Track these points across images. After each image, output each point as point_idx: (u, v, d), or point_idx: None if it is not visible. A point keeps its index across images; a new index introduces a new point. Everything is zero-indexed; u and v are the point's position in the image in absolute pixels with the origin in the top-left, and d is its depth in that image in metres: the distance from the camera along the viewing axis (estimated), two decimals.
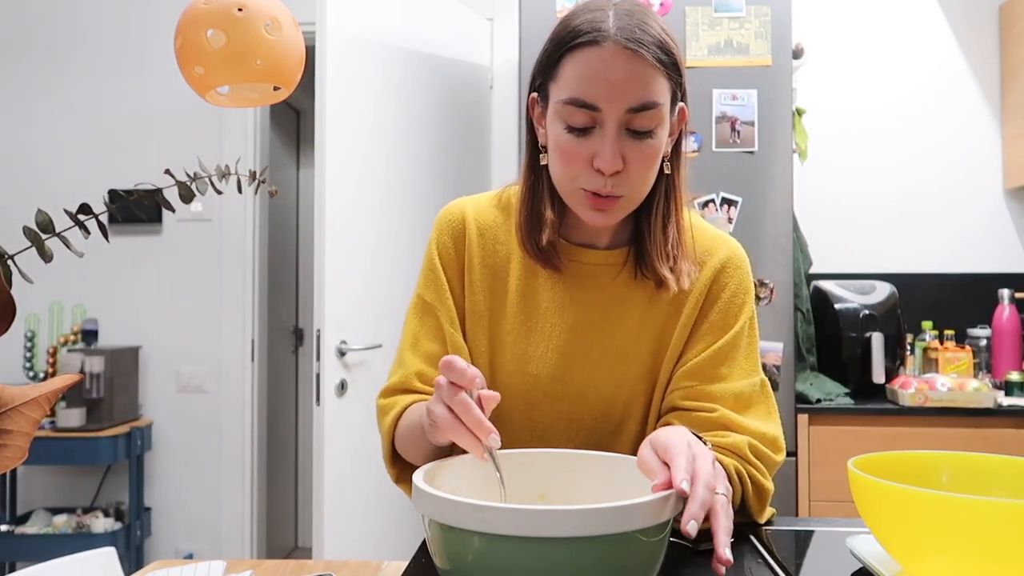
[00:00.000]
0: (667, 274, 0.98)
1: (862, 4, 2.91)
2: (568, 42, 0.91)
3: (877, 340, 2.38)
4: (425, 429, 0.83)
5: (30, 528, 2.75)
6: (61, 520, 2.78)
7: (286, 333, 4.01)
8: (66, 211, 0.59)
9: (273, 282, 3.47)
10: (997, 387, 2.43)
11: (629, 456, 0.81)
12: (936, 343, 2.54)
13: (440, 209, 1.09)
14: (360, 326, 2.28)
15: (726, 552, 0.67)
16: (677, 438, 0.74)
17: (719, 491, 0.71)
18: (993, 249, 2.84)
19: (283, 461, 3.88)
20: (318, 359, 2.16)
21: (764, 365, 1.44)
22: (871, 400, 2.33)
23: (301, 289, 4.14)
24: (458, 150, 2.74)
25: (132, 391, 2.92)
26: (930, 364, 2.51)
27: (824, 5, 2.90)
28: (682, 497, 0.67)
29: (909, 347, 2.57)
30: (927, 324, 2.62)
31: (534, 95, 0.99)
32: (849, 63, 2.90)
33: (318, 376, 2.16)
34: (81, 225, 0.59)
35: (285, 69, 0.69)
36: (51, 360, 2.90)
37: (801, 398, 2.26)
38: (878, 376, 2.38)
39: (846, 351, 2.41)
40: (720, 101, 2.19)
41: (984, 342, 2.60)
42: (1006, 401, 2.28)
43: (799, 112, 2.50)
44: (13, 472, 2.92)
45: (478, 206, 1.07)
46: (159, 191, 0.63)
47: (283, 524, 3.88)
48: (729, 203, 2.19)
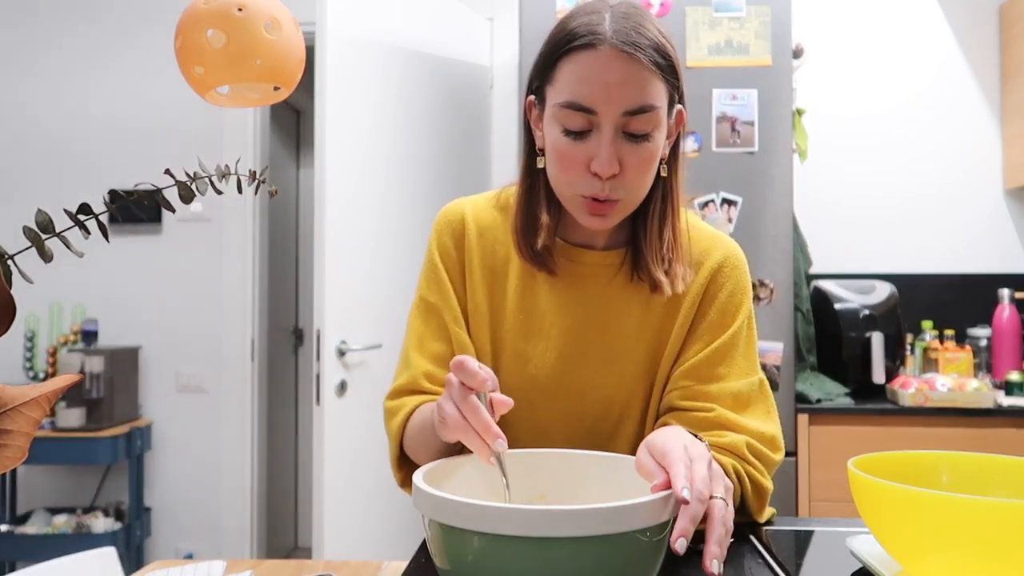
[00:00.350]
0: (662, 277, 0.98)
1: (862, 4, 2.91)
2: (564, 45, 0.91)
3: (877, 340, 2.38)
4: (435, 425, 0.83)
5: (30, 528, 2.75)
6: (61, 520, 2.78)
7: (286, 333, 4.01)
8: (66, 211, 0.59)
9: (273, 282, 3.47)
10: (997, 387, 2.43)
11: (629, 456, 0.81)
12: (936, 343, 2.54)
13: (439, 209, 1.09)
14: (360, 326, 2.28)
15: (711, 565, 0.66)
16: (674, 442, 0.73)
17: (717, 495, 0.71)
18: (993, 249, 2.84)
19: (283, 461, 3.88)
20: (318, 359, 2.16)
21: (764, 365, 1.44)
22: (871, 400, 2.33)
23: (301, 289, 4.14)
24: (458, 150, 2.74)
25: (132, 391, 2.92)
26: (930, 364, 2.51)
27: (824, 5, 2.90)
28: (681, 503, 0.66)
29: (909, 347, 2.57)
30: (927, 324, 2.62)
31: (531, 98, 0.99)
32: (849, 63, 2.90)
33: (318, 376, 2.16)
34: (81, 225, 0.59)
35: (285, 69, 0.69)
36: (51, 360, 2.90)
37: (801, 398, 2.26)
38: (878, 376, 2.38)
39: (846, 351, 2.41)
40: (720, 101, 2.19)
41: (984, 342, 2.60)
42: (1006, 401, 2.28)
43: (799, 112, 2.50)
44: (13, 472, 2.92)
45: (477, 206, 1.07)
46: (159, 191, 0.63)
47: (283, 524, 3.88)
48: (729, 203, 2.19)
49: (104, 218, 0.61)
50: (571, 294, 1.02)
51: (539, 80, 0.96)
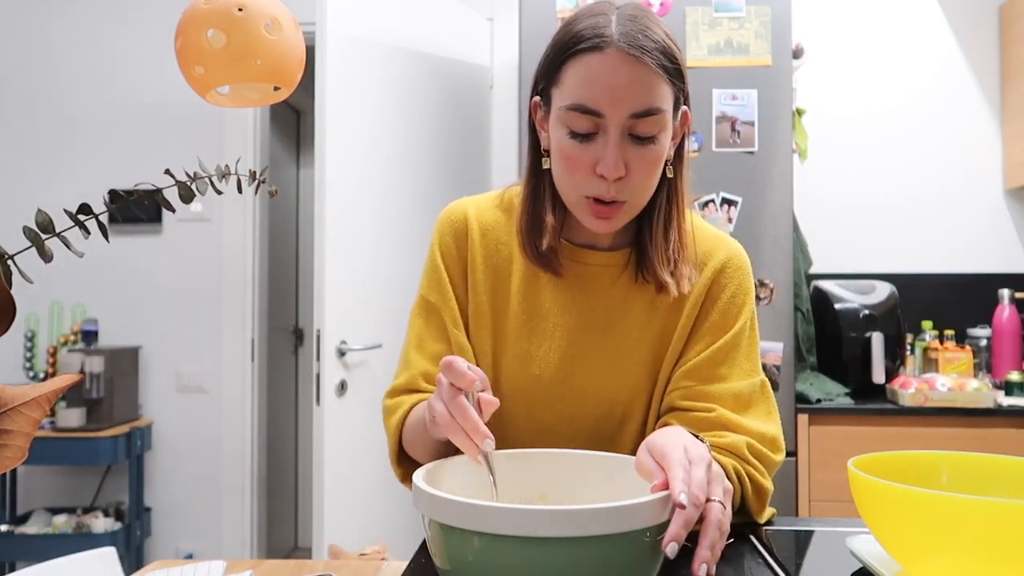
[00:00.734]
0: (667, 278, 0.98)
1: (862, 4, 2.90)
2: (571, 47, 0.91)
3: (877, 340, 2.38)
4: (427, 424, 0.84)
5: (30, 528, 2.75)
6: (61, 520, 2.78)
7: (286, 333, 4.01)
8: (66, 211, 0.59)
9: (273, 282, 3.47)
10: (997, 387, 2.43)
11: (629, 456, 0.81)
12: (936, 343, 2.54)
13: (440, 209, 1.09)
14: (360, 326, 2.28)
15: (700, 570, 0.66)
16: (674, 443, 0.73)
17: (715, 498, 0.71)
18: (993, 249, 2.84)
19: (283, 461, 3.88)
20: (318, 359, 2.16)
21: (764, 365, 1.44)
22: (871, 400, 2.33)
23: (301, 289, 4.14)
24: (458, 150, 2.74)
25: (132, 391, 2.92)
26: (930, 364, 2.51)
27: (824, 5, 2.90)
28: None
29: (909, 347, 2.57)
30: (927, 324, 2.62)
31: (536, 99, 0.99)
32: (849, 63, 2.90)
33: (318, 376, 2.16)
34: (81, 225, 0.59)
35: (285, 69, 0.69)
36: (51, 360, 2.90)
37: (801, 398, 2.26)
38: (878, 376, 2.38)
39: (846, 351, 2.41)
40: (720, 101, 2.19)
41: (984, 342, 2.60)
42: (1006, 401, 2.28)
43: (799, 112, 2.50)
44: (13, 472, 2.92)
45: (480, 206, 1.07)
46: (159, 191, 0.63)
47: (283, 524, 3.88)
48: (729, 203, 2.19)
49: (104, 218, 0.61)
50: (574, 294, 1.02)
51: (544, 81, 0.96)
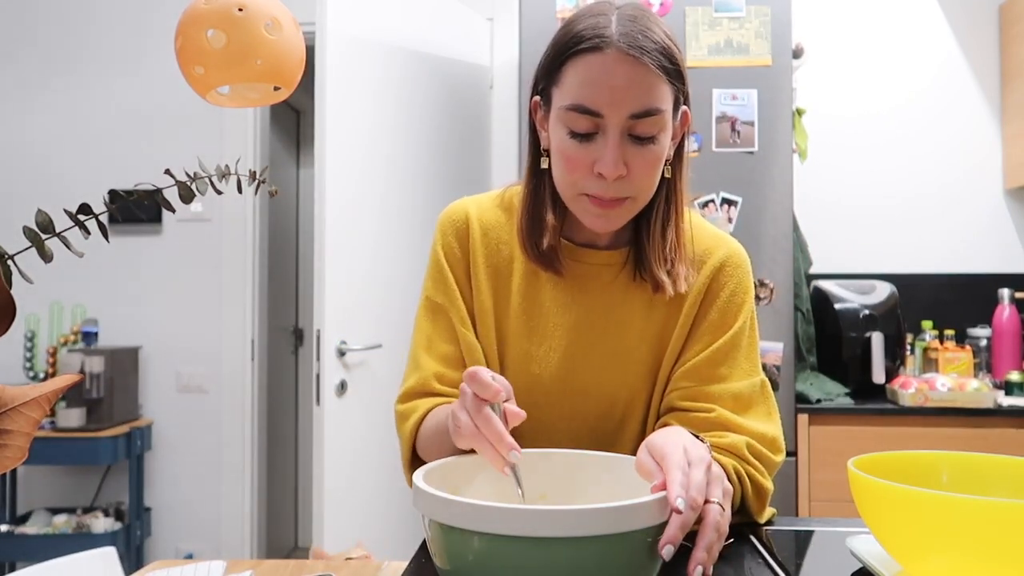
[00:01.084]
0: (664, 278, 0.98)
1: (862, 4, 2.90)
2: (571, 47, 0.91)
3: (877, 340, 2.38)
4: (451, 433, 0.83)
5: (30, 528, 2.75)
6: (61, 520, 2.78)
7: (286, 333, 4.01)
8: (66, 211, 0.59)
9: (273, 282, 3.47)
10: (997, 387, 2.43)
11: (630, 456, 0.81)
12: (936, 343, 2.54)
13: (440, 209, 1.09)
14: (360, 326, 2.28)
15: (695, 572, 0.66)
16: (673, 444, 0.73)
17: (714, 499, 0.71)
18: (993, 249, 2.84)
19: (283, 461, 3.88)
20: (318, 359, 2.16)
21: (764, 365, 1.44)
22: (871, 400, 2.33)
23: (301, 289, 4.14)
24: (458, 150, 2.74)
25: (132, 391, 2.92)
26: (930, 364, 2.51)
27: (824, 5, 2.90)
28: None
29: (909, 347, 2.57)
30: (927, 324, 2.62)
31: (536, 99, 0.99)
32: (849, 63, 2.90)
33: (318, 376, 2.16)
34: (81, 225, 0.59)
35: (285, 69, 0.69)
36: (51, 360, 2.90)
37: (801, 398, 2.26)
38: (878, 376, 2.38)
39: (846, 351, 2.41)
40: (720, 101, 2.19)
41: (984, 342, 2.60)
42: (1006, 401, 2.28)
43: (799, 112, 2.50)
44: (13, 472, 2.92)
45: (480, 206, 1.07)
46: (159, 191, 0.63)
47: (283, 524, 3.88)
48: (729, 203, 2.19)
49: (104, 218, 0.61)
50: (574, 293, 1.02)
51: (545, 81, 0.96)
